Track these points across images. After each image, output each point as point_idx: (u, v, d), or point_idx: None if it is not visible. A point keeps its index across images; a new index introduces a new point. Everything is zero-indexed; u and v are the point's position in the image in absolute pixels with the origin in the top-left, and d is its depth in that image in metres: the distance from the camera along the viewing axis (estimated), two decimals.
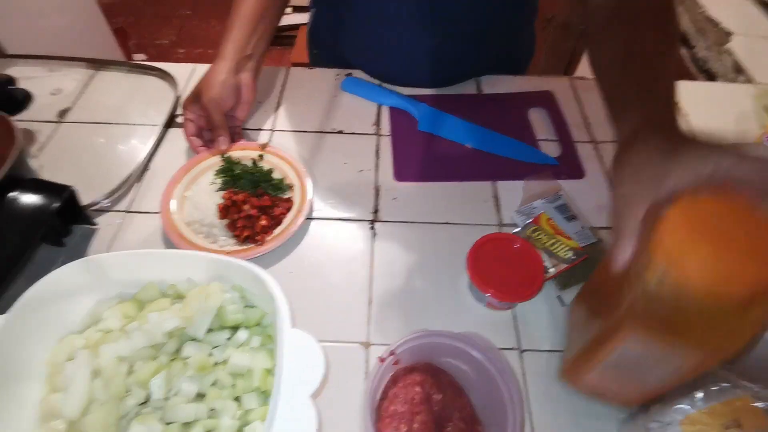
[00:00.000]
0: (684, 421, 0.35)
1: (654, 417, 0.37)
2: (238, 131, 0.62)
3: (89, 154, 0.62)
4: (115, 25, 2.40)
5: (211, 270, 0.39)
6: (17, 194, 0.41)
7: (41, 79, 0.70)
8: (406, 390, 0.40)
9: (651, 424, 0.37)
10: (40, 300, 0.36)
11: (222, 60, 0.58)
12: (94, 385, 0.33)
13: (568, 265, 0.50)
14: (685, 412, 0.35)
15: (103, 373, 0.33)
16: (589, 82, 0.74)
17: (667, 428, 0.36)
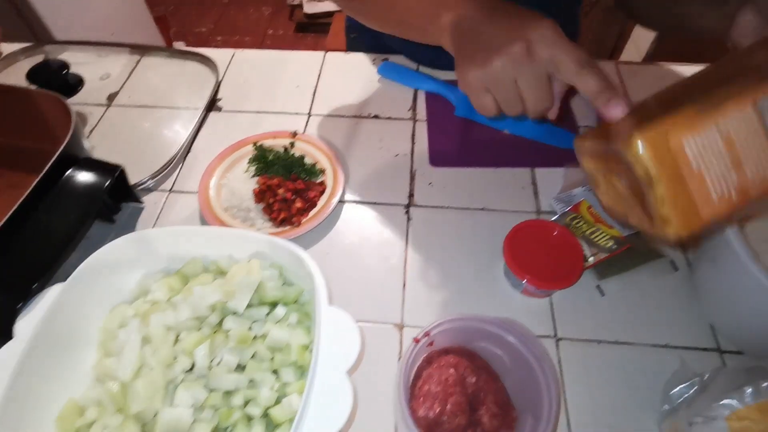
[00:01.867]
0: (730, 417, 0.34)
1: (698, 411, 0.36)
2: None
3: (136, 136, 0.65)
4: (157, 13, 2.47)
5: (252, 248, 0.41)
6: (73, 172, 0.44)
7: (91, 64, 0.73)
8: (440, 371, 0.40)
9: (695, 418, 0.35)
10: (94, 271, 0.38)
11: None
12: (144, 351, 0.35)
13: (608, 254, 0.48)
14: (733, 408, 0.34)
15: (152, 341, 0.35)
16: (633, 67, 0.71)
17: (712, 423, 0.34)
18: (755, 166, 0.27)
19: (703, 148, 0.26)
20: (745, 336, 0.43)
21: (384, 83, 0.70)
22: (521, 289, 0.48)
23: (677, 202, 0.27)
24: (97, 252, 0.38)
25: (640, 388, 0.43)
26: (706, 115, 0.26)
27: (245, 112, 0.67)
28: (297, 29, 2.51)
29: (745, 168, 0.27)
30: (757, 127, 0.26)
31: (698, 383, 0.39)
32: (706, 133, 0.26)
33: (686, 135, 0.26)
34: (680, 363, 0.42)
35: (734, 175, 0.27)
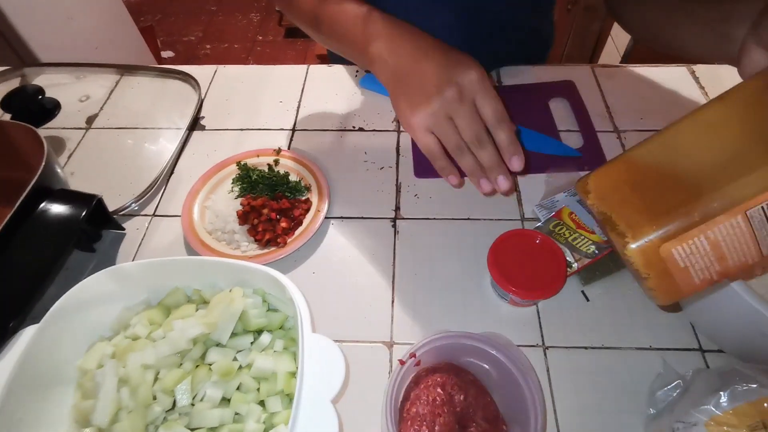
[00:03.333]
0: (709, 423, 0.34)
1: (679, 417, 0.36)
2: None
3: (116, 159, 0.64)
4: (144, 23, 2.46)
5: (234, 275, 0.40)
6: (47, 205, 0.43)
7: (69, 86, 0.72)
8: (427, 391, 0.40)
9: (676, 424, 0.36)
10: (69, 309, 0.37)
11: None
12: (121, 393, 0.35)
13: (590, 259, 0.49)
14: (710, 413, 0.34)
15: (130, 382, 0.35)
16: (611, 70, 0.71)
17: (692, 429, 0.34)
18: (738, 257, 0.29)
19: (690, 252, 0.29)
20: (722, 334, 0.44)
21: (367, 95, 0.70)
22: (508, 300, 0.49)
23: (663, 290, 0.31)
24: (73, 289, 0.37)
25: (627, 392, 0.43)
26: (697, 229, 0.28)
27: (229, 129, 0.67)
28: (286, 35, 2.50)
29: (728, 260, 0.29)
30: (744, 231, 0.28)
31: (681, 385, 0.40)
32: (695, 241, 0.28)
33: (676, 246, 0.28)
34: (663, 365, 0.42)
35: (717, 265, 0.29)
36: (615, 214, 0.30)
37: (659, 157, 0.31)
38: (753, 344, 0.40)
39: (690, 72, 0.70)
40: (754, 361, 0.41)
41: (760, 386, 0.34)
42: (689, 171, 0.29)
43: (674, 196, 0.29)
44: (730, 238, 0.28)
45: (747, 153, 0.28)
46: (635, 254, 0.29)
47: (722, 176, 0.28)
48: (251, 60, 2.36)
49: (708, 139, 0.30)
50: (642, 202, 0.30)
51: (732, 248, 0.28)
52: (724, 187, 0.28)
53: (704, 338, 0.46)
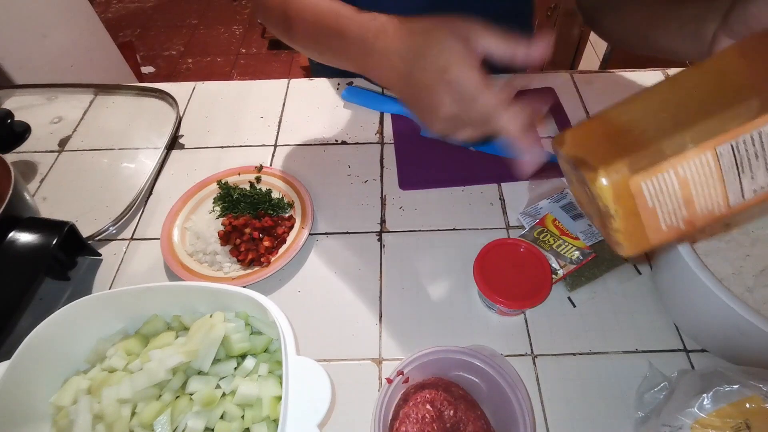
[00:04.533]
0: (694, 425, 0.34)
1: (665, 420, 0.36)
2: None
3: (91, 182, 0.62)
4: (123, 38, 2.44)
5: (214, 299, 0.39)
6: (15, 235, 0.42)
7: (40, 108, 0.70)
8: (417, 408, 0.39)
9: (662, 428, 0.36)
10: (43, 341, 0.36)
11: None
12: (96, 430, 0.33)
13: (575, 265, 0.49)
14: (695, 416, 0.34)
15: (105, 418, 0.33)
16: (590, 76, 0.72)
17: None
18: (705, 202, 0.28)
19: (659, 189, 0.28)
20: (704, 334, 0.44)
21: (349, 108, 0.70)
22: (496, 310, 0.48)
23: (630, 233, 0.30)
24: (46, 321, 0.36)
25: (616, 396, 0.43)
26: (666, 161, 0.27)
27: (209, 147, 0.66)
28: (270, 47, 2.49)
29: (695, 204, 0.29)
30: (712, 170, 0.27)
31: (667, 387, 0.40)
32: (664, 176, 0.28)
33: (646, 179, 0.28)
34: (649, 367, 0.43)
35: (684, 210, 0.29)
36: (588, 154, 0.30)
37: (633, 112, 0.31)
38: (733, 343, 0.41)
39: (665, 75, 0.71)
40: (737, 360, 0.41)
41: (742, 387, 0.34)
42: (663, 120, 0.29)
43: (647, 137, 0.29)
44: (698, 177, 0.28)
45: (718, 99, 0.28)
46: (606, 189, 0.28)
47: (694, 118, 0.28)
48: (235, 73, 2.35)
49: (681, 94, 0.30)
50: (616, 145, 0.29)
51: (700, 191, 0.28)
52: (695, 126, 0.27)
53: (688, 339, 0.46)
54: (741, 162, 0.27)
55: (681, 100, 0.30)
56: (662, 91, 0.31)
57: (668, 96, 0.31)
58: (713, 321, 0.41)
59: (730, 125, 0.27)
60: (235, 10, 2.74)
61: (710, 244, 0.48)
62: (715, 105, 0.28)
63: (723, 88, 0.29)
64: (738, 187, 0.28)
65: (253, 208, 0.55)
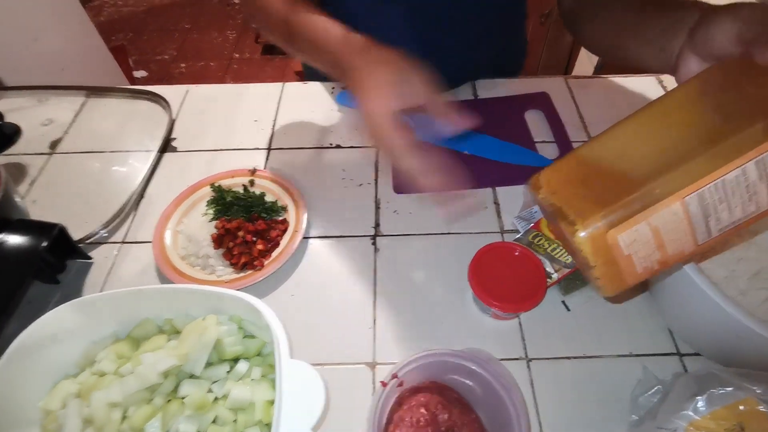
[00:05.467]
0: (689, 428, 0.34)
1: (660, 423, 0.36)
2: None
3: (82, 184, 0.61)
4: (115, 42, 2.42)
5: (207, 302, 0.39)
6: (4, 237, 0.41)
7: (32, 110, 0.70)
8: (411, 412, 0.39)
9: (657, 431, 0.36)
10: (32, 345, 0.35)
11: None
12: None
13: (570, 269, 0.49)
14: (689, 419, 0.35)
15: (94, 422, 0.33)
16: (584, 81, 0.73)
17: None
18: (675, 245, 0.31)
19: (634, 239, 0.30)
20: (698, 338, 0.45)
21: (344, 111, 0.70)
22: (490, 313, 0.48)
23: (608, 278, 0.32)
24: (34, 324, 0.35)
25: (610, 400, 0.43)
26: (640, 215, 0.29)
27: (202, 150, 0.65)
28: (264, 51, 2.49)
29: (667, 248, 0.31)
30: (681, 218, 0.30)
31: (661, 390, 0.40)
32: (638, 228, 0.30)
33: (621, 232, 0.30)
34: (643, 371, 0.43)
35: (657, 253, 0.31)
36: (565, 205, 0.32)
37: (605, 153, 0.33)
38: (727, 346, 0.41)
39: (658, 81, 0.72)
40: (730, 363, 0.42)
41: (736, 389, 0.34)
42: (633, 164, 0.31)
43: (619, 187, 0.30)
44: (669, 225, 0.30)
45: (683, 146, 0.30)
46: (584, 242, 0.30)
47: (662, 167, 0.29)
48: (228, 78, 2.34)
49: (649, 134, 0.32)
50: (591, 193, 0.31)
51: (670, 236, 0.30)
52: (663, 177, 0.29)
53: (682, 343, 0.46)
54: (707, 207, 0.29)
55: (649, 142, 0.32)
56: (635, 127, 0.33)
57: (637, 138, 0.33)
58: (707, 324, 0.41)
59: (696, 176, 0.29)
60: (229, 14, 2.74)
61: None
62: (681, 152, 0.30)
63: (691, 128, 0.31)
64: (705, 228, 0.30)
65: (246, 211, 0.55)
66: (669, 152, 0.30)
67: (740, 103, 0.30)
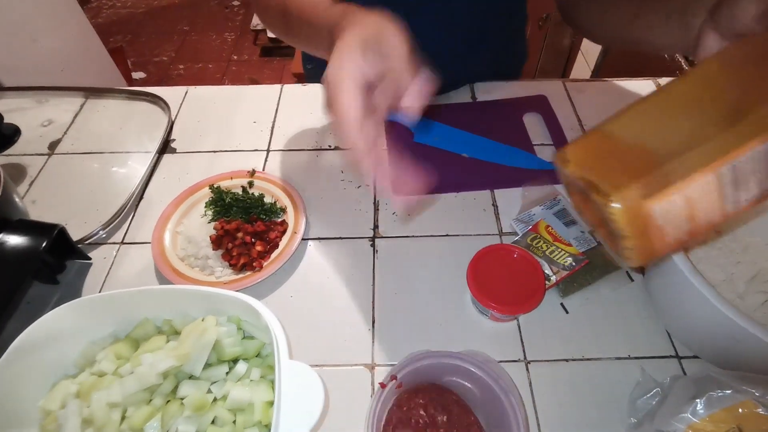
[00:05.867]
0: (687, 431, 0.34)
1: (659, 426, 0.36)
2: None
3: (81, 185, 0.61)
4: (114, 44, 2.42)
5: (206, 303, 0.39)
6: (4, 237, 0.41)
7: (31, 111, 0.70)
8: (410, 414, 0.39)
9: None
10: (31, 345, 0.35)
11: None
12: None
13: (568, 271, 0.49)
14: (688, 421, 0.35)
15: (94, 422, 0.33)
16: (582, 84, 0.73)
17: None
18: (706, 215, 0.30)
19: (667, 209, 0.30)
20: (696, 341, 0.45)
21: None
22: (489, 315, 0.48)
23: (640, 249, 0.31)
24: (34, 325, 0.35)
25: (609, 402, 0.43)
26: (675, 186, 0.29)
27: (201, 152, 0.65)
28: (262, 53, 2.50)
29: (698, 218, 0.31)
30: (714, 188, 0.29)
31: (659, 393, 0.41)
32: (672, 199, 0.29)
33: (656, 203, 0.29)
34: (641, 373, 0.43)
35: (688, 224, 0.31)
36: (597, 177, 0.31)
37: (632, 128, 0.33)
38: (725, 349, 0.41)
39: (656, 84, 0.72)
40: (728, 366, 0.42)
41: (734, 392, 0.34)
42: (662, 138, 0.31)
43: (651, 159, 0.30)
44: (702, 196, 0.30)
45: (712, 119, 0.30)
46: (619, 213, 0.30)
47: (693, 141, 0.29)
48: (226, 80, 2.35)
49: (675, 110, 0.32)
50: (622, 166, 0.31)
51: (702, 207, 0.30)
52: (695, 149, 0.29)
53: (680, 345, 0.47)
54: (738, 179, 0.29)
55: (677, 118, 0.32)
56: (659, 103, 0.33)
57: (666, 110, 0.32)
58: (705, 327, 0.41)
59: (728, 148, 0.28)
60: (227, 16, 2.75)
61: (702, 251, 0.49)
62: (713, 124, 0.29)
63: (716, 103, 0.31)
64: (734, 199, 0.30)
65: (245, 212, 0.55)
66: (698, 126, 0.30)
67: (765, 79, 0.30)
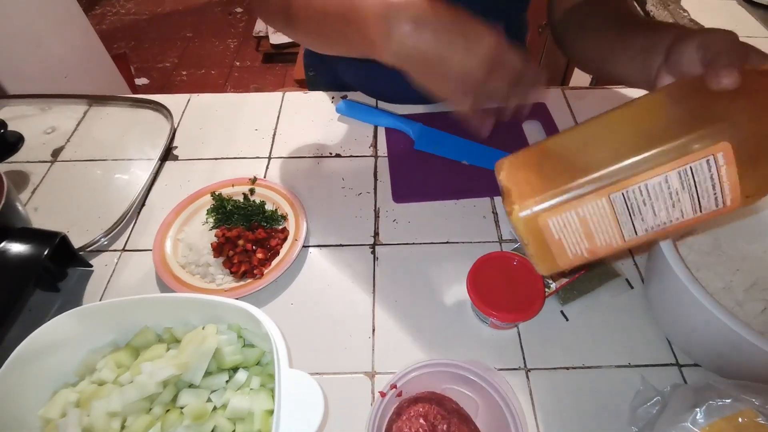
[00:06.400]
0: None
1: None
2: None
3: (84, 192, 0.62)
4: (117, 50, 2.44)
5: (206, 311, 0.39)
6: (6, 245, 0.41)
7: (34, 118, 0.70)
8: (410, 422, 0.39)
9: None
10: (32, 353, 0.35)
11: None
12: None
13: (568, 279, 0.49)
14: (688, 430, 0.35)
15: (94, 431, 0.33)
16: (581, 92, 0.74)
17: None
18: (603, 237, 0.33)
19: (563, 224, 0.33)
20: (696, 349, 0.45)
21: (344, 120, 0.70)
22: (489, 323, 0.48)
23: (541, 258, 0.35)
24: (35, 333, 0.35)
25: (609, 410, 0.43)
26: (569, 204, 0.32)
27: (203, 159, 0.66)
28: (264, 60, 2.51)
29: (595, 238, 0.33)
30: (607, 213, 0.32)
31: (660, 402, 0.40)
32: (567, 215, 0.32)
33: (551, 217, 0.32)
34: (642, 382, 0.43)
35: (586, 242, 0.33)
36: (513, 187, 0.34)
37: (561, 144, 0.35)
38: (725, 357, 0.41)
39: None
40: (729, 374, 0.42)
41: (734, 401, 0.34)
42: (577, 157, 0.33)
43: (559, 176, 0.33)
44: (596, 217, 0.32)
45: (623, 147, 0.32)
46: (518, 221, 0.33)
47: (599, 163, 0.32)
48: (229, 86, 2.36)
49: (601, 133, 0.34)
50: (536, 179, 0.34)
51: (598, 228, 0.33)
52: (597, 172, 0.31)
53: (681, 353, 0.46)
54: (631, 207, 0.32)
55: (598, 140, 0.34)
56: (589, 128, 0.35)
57: (591, 134, 0.35)
58: (705, 335, 0.41)
59: (624, 176, 0.31)
60: (230, 23, 2.77)
61: (701, 258, 0.49)
62: (617, 153, 0.32)
63: (630, 135, 0.33)
64: (631, 227, 0.33)
65: (246, 219, 0.55)
66: (608, 151, 0.32)
67: (684, 116, 0.32)
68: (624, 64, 0.48)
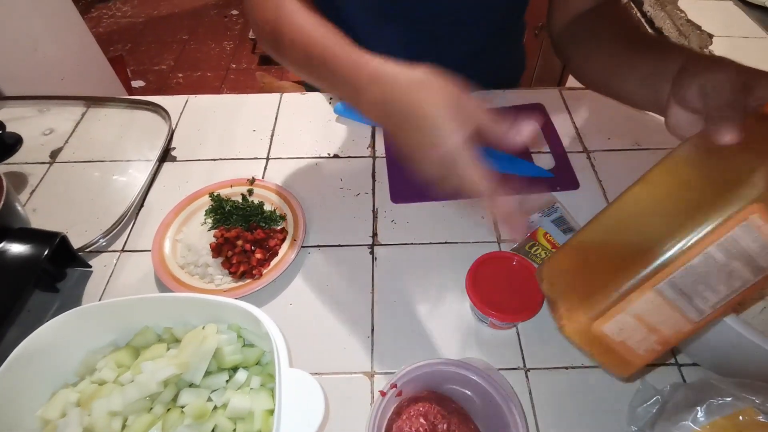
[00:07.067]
0: None
1: None
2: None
3: (82, 193, 0.62)
4: (114, 53, 2.44)
5: (206, 311, 0.39)
6: (5, 245, 0.41)
7: (32, 120, 0.70)
8: (410, 422, 0.39)
9: None
10: (31, 354, 0.35)
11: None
12: None
13: None
14: (689, 429, 0.35)
15: (95, 431, 0.33)
16: (579, 92, 0.74)
17: None
18: (668, 326, 0.31)
19: (619, 327, 0.31)
20: (696, 348, 0.45)
21: (342, 121, 0.71)
22: (488, 323, 0.48)
23: (610, 364, 0.33)
24: (34, 333, 0.35)
25: (609, 410, 0.43)
26: (617, 307, 0.30)
27: (201, 160, 0.66)
28: (260, 62, 2.51)
29: (660, 330, 0.31)
30: (660, 303, 0.30)
31: (659, 401, 0.41)
32: (619, 318, 0.30)
33: (603, 324, 0.31)
34: (641, 381, 0.43)
35: (653, 336, 0.31)
36: (559, 298, 0.33)
37: (594, 242, 0.34)
38: (725, 357, 0.41)
39: None
40: (728, 373, 0.42)
41: (735, 399, 0.34)
42: (614, 252, 0.32)
43: (601, 278, 0.31)
44: (650, 311, 0.30)
45: (652, 233, 0.30)
46: (572, 335, 0.32)
47: (636, 255, 0.30)
48: (225, 88, 2.36)
49: (628, 219, 0.33)
50: (578, 285, 0.32)
51: (658, 319, 0.30)
52: (636, 266, 0.30)
53: (679, 352, 0.47)
54: (684, 290, 0.29)
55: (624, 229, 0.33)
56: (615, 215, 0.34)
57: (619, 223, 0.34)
58: (704, 334, 0.41)
59: (661, 267, 0.29)
60: (226, 25, 2.77)
61: None
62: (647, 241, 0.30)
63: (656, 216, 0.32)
64: (693, 308, 0.30)
65: (245, 220, 0.55)
66: (638, 238, 0.31)
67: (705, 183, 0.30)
68: (632, 86, 0.47)
